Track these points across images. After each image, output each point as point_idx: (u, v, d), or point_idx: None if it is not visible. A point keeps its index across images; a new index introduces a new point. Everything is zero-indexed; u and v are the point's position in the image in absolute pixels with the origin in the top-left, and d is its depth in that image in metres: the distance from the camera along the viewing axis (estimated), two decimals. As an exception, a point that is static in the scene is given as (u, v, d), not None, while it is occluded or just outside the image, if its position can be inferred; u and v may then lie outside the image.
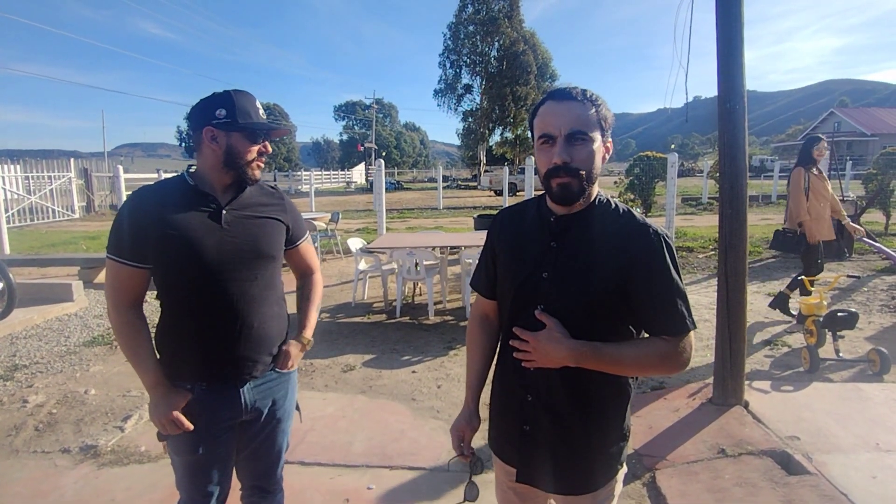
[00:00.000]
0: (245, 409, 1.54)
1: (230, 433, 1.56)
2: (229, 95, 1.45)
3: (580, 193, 1.17)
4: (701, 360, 4.00)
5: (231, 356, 1.48)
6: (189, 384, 1.49)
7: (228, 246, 1.45)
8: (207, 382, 1.50)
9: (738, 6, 3.10)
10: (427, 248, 5.77)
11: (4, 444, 3.06)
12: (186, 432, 1.45)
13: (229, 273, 1.45)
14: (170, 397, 1.45)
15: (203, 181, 1.48)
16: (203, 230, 1.43)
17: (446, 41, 40.31)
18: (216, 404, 1.51)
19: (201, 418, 1.48)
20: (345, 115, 75.46)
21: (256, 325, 1.50)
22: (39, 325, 5.31)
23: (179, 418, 1.43)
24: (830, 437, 2.90)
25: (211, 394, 1.50)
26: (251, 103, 1.47)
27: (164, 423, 1.44)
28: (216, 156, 1.45)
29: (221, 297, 1.45)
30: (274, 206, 1.58)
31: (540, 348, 1.17)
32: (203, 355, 1.47)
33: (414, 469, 2.78)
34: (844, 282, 6.35)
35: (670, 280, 1.17)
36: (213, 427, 1.51)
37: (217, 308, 1.45)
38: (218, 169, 1.47)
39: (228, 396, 1.52)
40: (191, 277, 1.43)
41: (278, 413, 1.64)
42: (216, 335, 1.46)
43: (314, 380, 3.98)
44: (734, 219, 3.24)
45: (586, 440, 1.25)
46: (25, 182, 16.54)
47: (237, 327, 1.47)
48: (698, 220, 14.27)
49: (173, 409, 1.43)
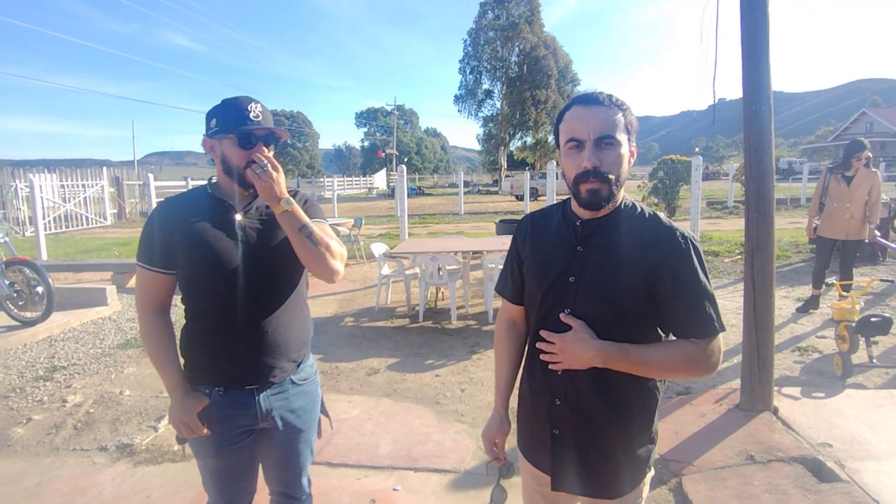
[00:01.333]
0: (261, 417, 1.55)
1: (249, 439, 1.57)
2: (222, 105, 1.47)
3: (609, 198, 1.17)
4: (727, 364, 3.95)
5: (247, 361, 1.50)
6: (207, 388, 1.52)
7: (244, 251, 1.47)
8: (224, 387, 1.52)
9: (764, 5, 3.07)
10: (449, 253, 5.81)
11: (45, 441, 3.19)
12: (204, 436, 1.49)
13: (245, 278, 1.47)
14: (187, 401, 1.48)
15: (220, 189, 1.53)
16: (219, 236, 1.46)
17: (466, 47, 40.57)
18: (233, 410, 1.52)
19: (219, 423, 1.51)
20: (366, 122, 76.29)
21: (272, 329, 1.51)
22: (76, 328, 5.51)
23: (194, 422, 1.46)
24: (864, 444, 2.84)
25: (228, 399, 1.52)
26: (242, 108, 1.44)
27: (180, 426, 1.47)
28: (218, 165, 1.50)
29: (237, 302, 1.47)
30: None
31: (567, 349, 1.18)
32: (220, 360, 1.50)
33: (439, 471, 2.80)
34: (878, 286, 6.17)
35: (698, 282, 1.17)
36: (231, 432, 1.53)
37: (233, 313, 1.47)
38: (225, 178, 1.51)
39: (245, 402, 1.53)
40: (208, 283, 1.47)
41: (297, 423, 1.63)
42: (232, 340, 1.48)
43: (339, 383, 4.05)
44: (761, 222, 3.20)
45: (615, 442, 1.25)
46: (61, 190, 17.14)
47: (254, 332, 1.49)
48: (724, 223, 14.01)
49: (188, 413, 1.46)
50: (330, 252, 1.47)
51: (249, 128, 1.44)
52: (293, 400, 1.61)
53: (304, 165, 67.42)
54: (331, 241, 1.49)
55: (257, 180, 1.40)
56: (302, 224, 1.43)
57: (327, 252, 1.46)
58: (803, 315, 5.36)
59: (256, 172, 1.40)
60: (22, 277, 5.27)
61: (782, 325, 5.09)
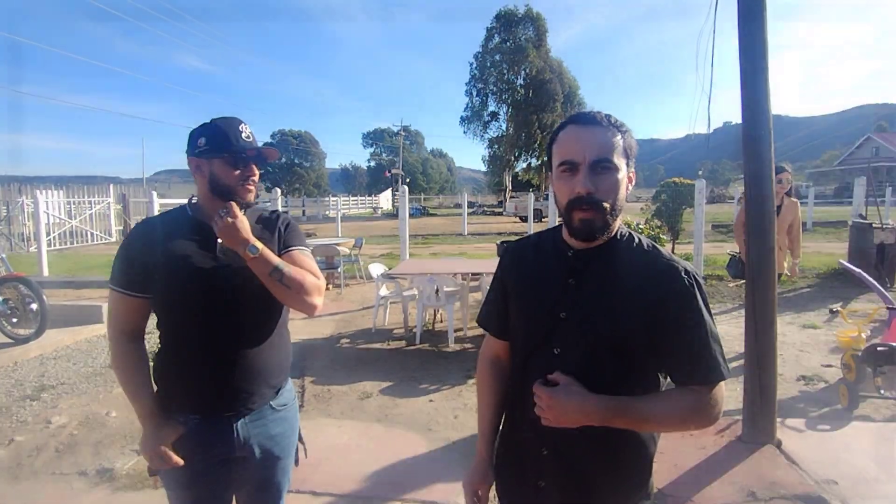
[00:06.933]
0: (238, 445, 1.48)
1: (224, 468, 1.50)
2: (209, 124, 1.45)
3: (604, 228, 1.07)
4: (730, 395, 3.83)
5: (224, 387, 1.44)
6: (182, 417, 1.45)
7: (222, 274, 1.42)
8: (201, 415, 1.45)
9: (762, 34, 3.05)
10: (448, 275, 5.75)
11: (25, 464, 3.11)
12: (178, 467, 1.41)
13: (223, 302, 1.42)
14: (160, 430, 1.41)
15: (201, 211, 1.49)
16: (197, 259, 1.42)
17: (473, 70, 40.99)
18: (209, 438, 1.46)
19: (194, 453, 1.44)
20: (373, 142, 77.05)
21: (252, 355, 1.46)
22: (69, 346, 5.45)
23: (167, 453, 1.40)
24: (871, 482, 2.71)
25: (204, 427, 1.45)
26: (233, 129, 1.43)
27: (153, 456, 1.40)
28: (204, 185, 1.45)
29: (215, 327, 1.42)
30: (266, 233, 1.52)
31: (557, 406, 1.04)
32: (196, 386, 1.44)
33: (427, 503, 2.70)
34: (884, 314, 6.03)
35: (703, 324, 1.06)
36: (206, 462, 1.46)
37: (210, 338, 1.42)
38: (209, 198, 1.46)
39: (221, 430, 1.46)
40: (186, 307, 1.42)
41: (276, 451, 1.56)
42: (209, 365, 1.43)
43: (331, 406, 3.95)
44: (761, 246, 3.13)
45: (608, 500, 1.14)
46: (67, 207, 17.30)
47: (233, 357, 1.44)
48: (729, 247, 13.88)
49: (162, 443, 1.40)
50: (304, 290, 1.43)
51: (243, 147, 1.43)
52: (272, 426, 1.54)
53: (311, 184, 67.85)
54: (305, 278, 1.44)
55: (216, 229, 1.36)
56: (273, 267, 1.39)
57: (300, 292, 1.42)
58: (808, 342, 5.23)
59: (215, 220, 1.36)
60: (16, 294, 5.24)
61: (787, 353, 4.97)
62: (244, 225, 1.38)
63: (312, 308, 1.47)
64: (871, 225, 7.92)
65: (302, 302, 1.44)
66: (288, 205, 37.86)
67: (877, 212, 8.70)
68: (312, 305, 1.46)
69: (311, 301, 1.45)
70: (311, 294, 1.45)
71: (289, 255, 1.52)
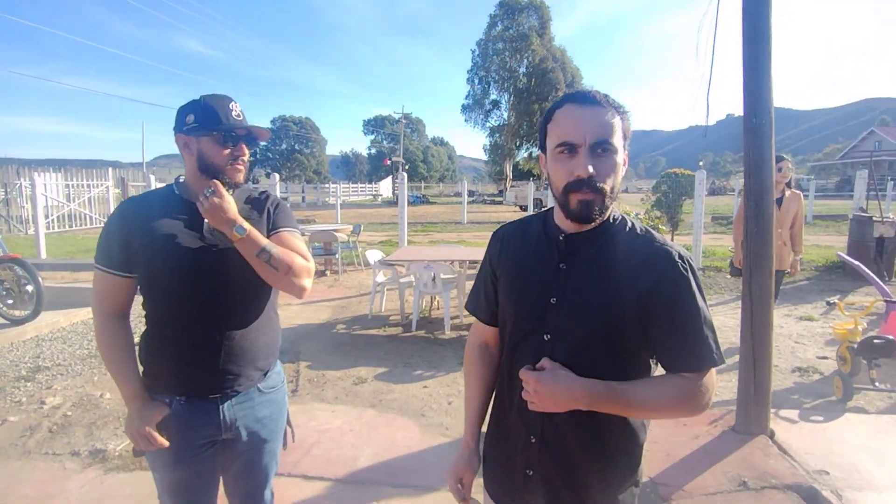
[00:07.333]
0: (224, 427, 1.46)
1: (210, 451, 1.49)
2: (199, 101, 1.42)
3: (601, 212, 1.04)
4: (724, 385, 3.83)
5: (212, 369, 1.42)
6: (167, 398, 1.44)
7: (209, 254, 1.40)
8: (186, 396, 1.44)
9: (766, 21, 2.99)
10: (445, 262, 5.72)
11: (18, 444, 3.11)
12: (163, 448, 1.40)
13: (211, 282, 1.40)
14: (145, 411, 1.40)
15: (187, 190, 1.46)
16: (183, 239, 1.39)
17: (475, 58, 40.69)
18: (194, 420, 1.44)
19: (179, 434, 1.42)
20: (373, 130, 76.53)
21: (238, 337, 1.44)
22: (65, 328, 5.44)
23: (152, 434, 1.38)
24: (863, 474, 2.71)
25: (189, 408, 1.44)
26: (223, 107, 1.41)
27: (138, 438, 1.39)
28: (192, 163, 1.43)
29: (201, 307, 1.40)
30: (255, 214, 1.51)
31: (544, 391, 1.02)
32: (182, 367, 1.42)
33: (418, 488, 2.70)
34: (882, 307, 6.03)
35: (696, 309, 1.04)
36: (191, 444, 1.45)
37: (196, 319, 1.40)
38: (197, 176, 1.43)
39: (207, 412, 1.44)
40: (172, 287, 1.39)
41: (262, 433, 1.55)
42: (196, 347, 1.41)
43: (325, 391, 3.95)
44: (759, 237, 3.11)
45: (596, 488, 1.12)
46: (66, 190, 17.24)
47: (219, 338, 1.42)
48: (728, 239, 13.87)
49: (147, 424, 1.38)
50: (292, 272, 1.41)
51: (233, 125, 1.41)
52: (259, 409, 1.53)
53: (311, 171, 67.60)
54: (293, 259, 1.42)
55: (202, 209, 1.34)
56: (260, 248, 1.36)
57: (288, 274, 1.40)
58: (804, 334, 5.22)
59: (200, 200, 1.34)
60: (12, 276, 5.22)
61: (783, 344, 4.96)
62: (230, 205, 1.35)
63: (301, 290, 1.45)
64: (871, 218, 7.89)
65: (290, 284, 1.42)
66: (288, 191, 37.74)
67: (878, 205, 8.66)
68: (301, 288, 1.44)
69: (300, 283, 1.43)
70: (300, 276, 1.43)
71: (277, 236, 1.49)
